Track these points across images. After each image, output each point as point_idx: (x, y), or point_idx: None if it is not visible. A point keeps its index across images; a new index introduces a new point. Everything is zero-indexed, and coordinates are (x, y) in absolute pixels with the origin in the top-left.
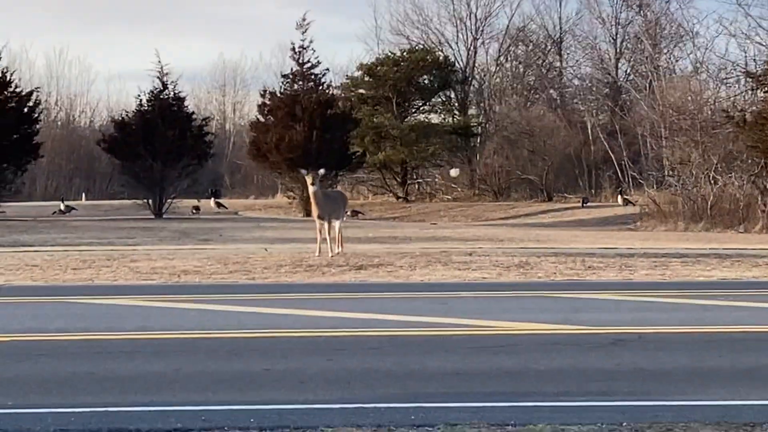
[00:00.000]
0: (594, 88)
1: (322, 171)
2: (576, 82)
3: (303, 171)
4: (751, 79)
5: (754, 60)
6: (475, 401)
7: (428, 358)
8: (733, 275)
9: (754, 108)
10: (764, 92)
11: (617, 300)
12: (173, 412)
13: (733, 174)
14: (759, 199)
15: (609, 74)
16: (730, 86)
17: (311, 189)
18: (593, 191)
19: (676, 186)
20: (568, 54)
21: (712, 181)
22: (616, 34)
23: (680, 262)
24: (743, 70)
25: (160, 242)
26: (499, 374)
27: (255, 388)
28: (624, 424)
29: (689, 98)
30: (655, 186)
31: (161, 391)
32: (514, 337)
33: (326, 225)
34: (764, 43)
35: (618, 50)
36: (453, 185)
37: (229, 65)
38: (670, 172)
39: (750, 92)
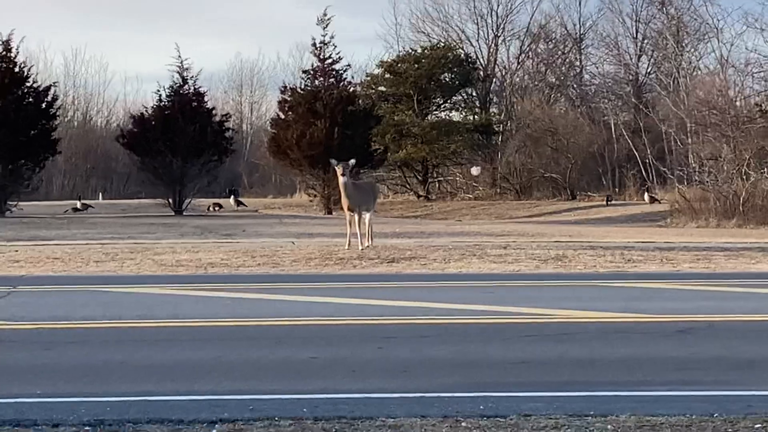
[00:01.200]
0: (616, 86)
1: (352, 161)
2: (598, 80)
3: (333, 161)
4: None
5: None
6: (546, 391)
7: (489, 347)
8: None
9: None
10: None
11: (675, 289)
12: (217, 402)
13: (765, 169)
14: None
15: (631, 72)
16: (761, 81)
17: (341, 180)
18: (617, 190)
19: (707, 182)
20: (589, 52)
21: (744, 177)
22: (637, 31)
23: (723, 255)
24: None
25: (182, 237)
26: (568, 363)
27: (304, 376)
28: (715, 415)
29: (719, 93)
30: (685, 182)
31: (202, 379)
32: (575, 325)
33: (356, 217)
34: None
35: (640, 48)
36: (474, 184)
37: (246, 65)
38: (701, 168)
39: None
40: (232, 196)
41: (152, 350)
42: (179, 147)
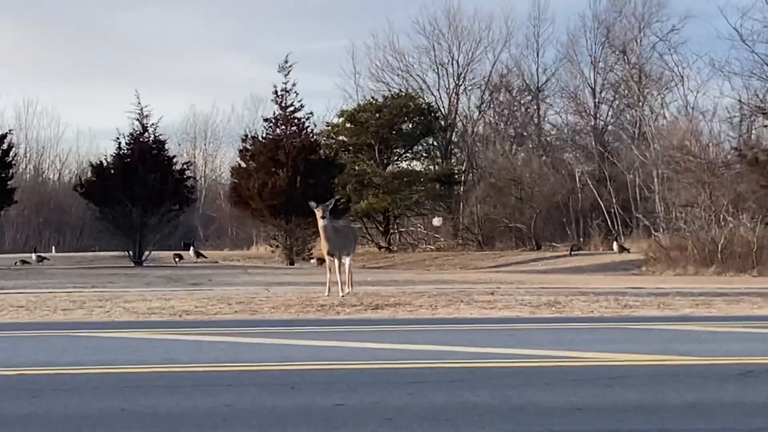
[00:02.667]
0: (578, 136)
1: (332, 201)
2: (559, 130)
3: (312, 203)
4: (762, 116)
5: (757, 96)
6: None
7: (531, 392)
8: None
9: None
10: None
11: (705, 331)
12: None
13: (743, 216)
14: None
15: (591, 121)
16: (731, 125)
17: (321, 223)
18: (582, 239)
19: (684, 229)
20: (550, 102)
21: (723, 224)
22: (595, 82)
23: (722, 300)
24: (757, 107)
25: (149, 286)
26: (629, 409)
27: (333, 425)
28: None
29: (692, 138)
30: (652, 231)
31: (218, 429)
32: (619, 368)
33: (336, 262)
34: None
35: (599, 98)
36: (436, 235)
37: (200, 117)
38: (673, 216)
39: (763, 128)
40: (192, 248)
41: (153, 397)
42: (139, 196)
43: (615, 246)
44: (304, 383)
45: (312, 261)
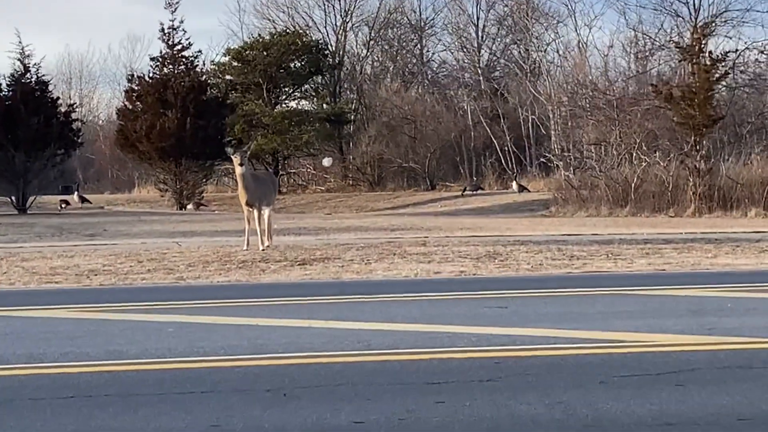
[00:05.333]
0: (467, 73)
1: (250, 146)
2: (448, 67)
3: (229, 149)
4: (678, 51)
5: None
6: None
7: (593, 396)
8: (754, 262)
9: (675, 82)
10: (693, 64)
11: (726, 297)
12: None
13: (658, 154)
14: (690, 180)
15: (476, 58)
16: (635, 61)
17: (239, 170)
18: (475, 179)
19: (596, 167)
20: (438, 38)
21: (636, 162)
22: (478, 18)
23: (671, 248)
24: (672, 42)
25: (39, 239)
26: (732, 421)
27: None
28: None
29: (596, 75)
30: (563, 170)
31: None
32: (671, 355)
33: (255, 213)
34: (681, 15)
35: (482, 34)
36: (326, 176)
37: (75, 57)
38: (584, 154)
39: (678, 63)
40: (76, 193)
41: (109, 411)
42: (22, 140)
43: (514, 185)
44: (295, 387)
45: (189, 206)
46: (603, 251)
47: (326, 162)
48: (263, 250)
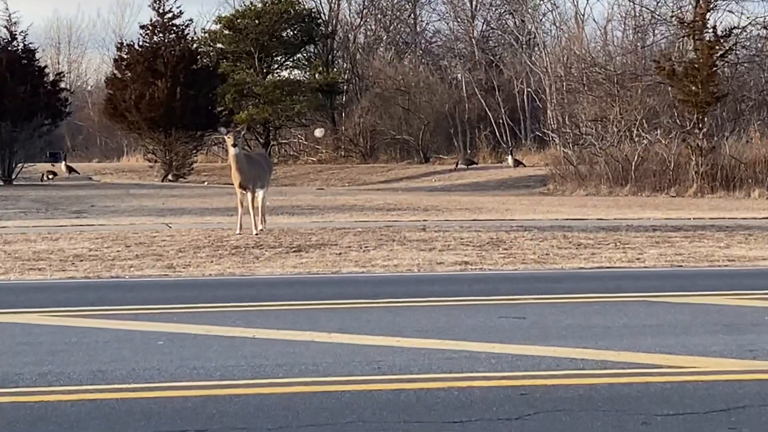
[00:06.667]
0: (461, 43)
1: (243, 128)
2: (442, 37)
3: (222, 129)
4: (678, 26)
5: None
6: None
7: None
8: None
9: (676, 58)
10: (696, 39)
11: (758, 307)
12: None
13: (659, 131)
14: (692, 159)
15: (470, 27)
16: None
17: (232, 151)
18: (469, 151)
19: (596, 145)
20: (432, 7)
21: (636, 140)
22: None
23: (682, 236)
24: (675, 16)
25: (25, 215)
26: None
27: None
28: None
29: (596, 49)
30: (560, 146)
31: None
32: (712, 386)
33: (249, 195)
34: None
35: (477, 3)
36: (317, 146)
37: (63, 22)
38: (583, 130)
39: (680, 38)
40: (63, 162)
41: None
42: (8, 109)
43: (510, 160)
44: (300, 426)
45: (169, 177)
46: (610, 239)
47: (318, 133)
48: (257, 234)
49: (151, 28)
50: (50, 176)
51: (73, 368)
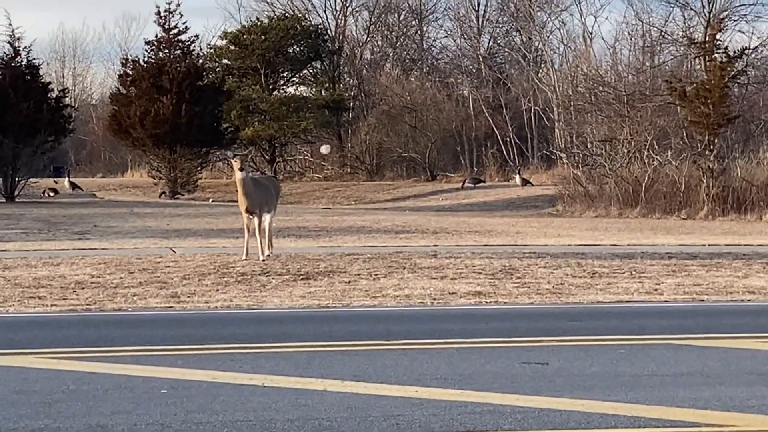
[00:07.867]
0: (468, 60)
1: (249, 151)
2: (449, 54)
3: (229, 153)
4: (688, 46)
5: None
6: None
7: None
8: None
9: (686, 79)
10: (708, 61)
11: None
12: None
13: (669, 152)
14: (703, 181)
15: (477, 44)
16: (644, 54)
17: (239, 175)
18: (476, 169)
19: (605, 166)
20: (439, 24)
21: (646, 161)
22: (478, 3)
23: (698, 265)
24: (685, 37)
25: (26, 236)
26: None
27: None
28: None
29: (606, 68)
30: (570, 166)
31: None
32: None
33: (255, 220)
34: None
35: (483, 20)
36: (323, 163)
37: (69, 35)
38: (591, 150)
39: (687, 58)
40: (67, 179)
41: None
42: (11, 126)
43: (517, 179)
44: None
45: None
46: (626, 267)
47: (324, 149)
48: (263, 260)
49: (156, 43)
50: (51, 194)
51: (71, 422)
